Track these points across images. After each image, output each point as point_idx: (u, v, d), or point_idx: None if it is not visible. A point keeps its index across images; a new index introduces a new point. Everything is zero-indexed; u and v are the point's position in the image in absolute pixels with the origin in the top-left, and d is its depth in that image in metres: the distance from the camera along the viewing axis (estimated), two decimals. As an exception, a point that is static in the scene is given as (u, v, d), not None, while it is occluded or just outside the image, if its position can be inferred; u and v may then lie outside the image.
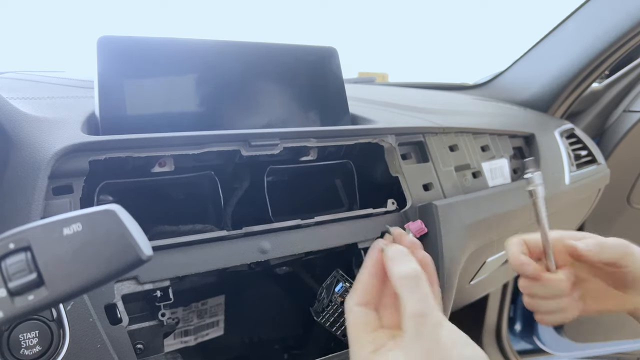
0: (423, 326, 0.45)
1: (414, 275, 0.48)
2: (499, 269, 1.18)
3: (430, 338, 0.44)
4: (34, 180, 0.54)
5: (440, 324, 0.45)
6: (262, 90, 0.77)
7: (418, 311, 0.45)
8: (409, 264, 0.49)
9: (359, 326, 0.50)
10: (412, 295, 0.46)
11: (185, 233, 0.66)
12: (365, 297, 0.52)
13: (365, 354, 0.47)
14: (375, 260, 0.52)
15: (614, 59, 1.40)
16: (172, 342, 0.87)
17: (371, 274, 0.52)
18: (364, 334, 0.49)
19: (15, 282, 0.33)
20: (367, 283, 0.52)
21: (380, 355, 0.46)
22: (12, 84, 0.83)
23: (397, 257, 0.50)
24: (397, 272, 0.48)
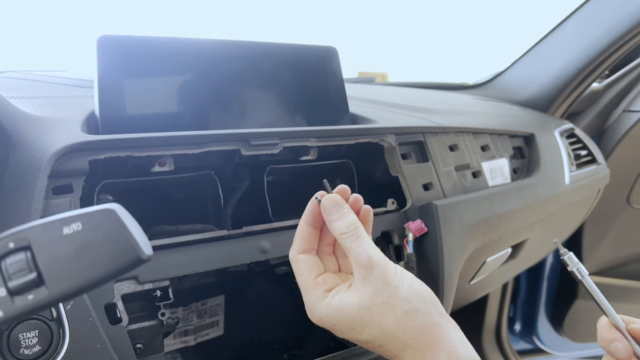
0: (370, 269, 0.48)
1: (354, 229, 0.51)
2: (499, 269, 1.18)
3: (378, 278, 0.48)
4: (34, 179, 0.54)
5: (385, 266, 0.49)
6: (262, 90, 0.77)
7: (363, 258, 0.49)
8: (347, 218, 0.52)
9: (306, 271, 0.53)
10: (354, 245, 0.50)
11: (185, 233, 0.66)
12: (306, 246, 0.54)
13: (319, 293, 0.51)
14: (311, 211, 0.54)
15: (614, 58, 1.40)
16: (171, 342, 0.87)
17: (308, 223, 0.54)
18: (314, 276, 0.52)
19: (15, 281, 0.33)
20: (304, 232, 0.54)
21: (334, 294, 0.50)
22: (12, 83, 0.83)
23: (334, 210, 0.52)
24: (337, 227, 0.51)
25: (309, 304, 0.52)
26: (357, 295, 0.48)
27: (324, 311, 0.50)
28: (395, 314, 0.47)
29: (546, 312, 1.85)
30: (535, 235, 1.21)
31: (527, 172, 1.16)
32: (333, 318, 0.49)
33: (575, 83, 1.46)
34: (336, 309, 0.49)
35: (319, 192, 0.54)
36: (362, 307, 0.48)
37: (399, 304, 0.47)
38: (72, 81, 0.84)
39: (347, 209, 0.53)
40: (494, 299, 1.74)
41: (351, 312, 0.48)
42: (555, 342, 1.87)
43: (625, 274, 1.81)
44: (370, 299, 0.47)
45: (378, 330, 0.47)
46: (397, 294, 0.47)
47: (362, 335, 0.48)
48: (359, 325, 0.48)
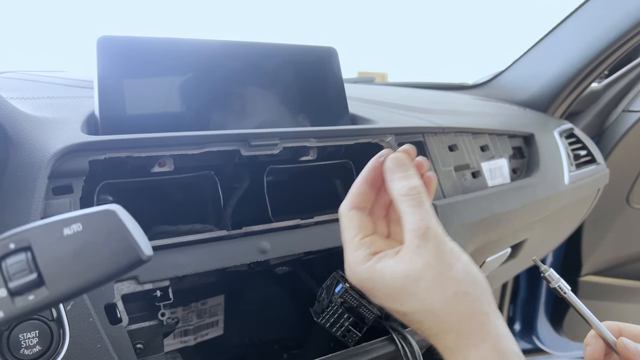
0: (426, 240, 0.44)
1: (417, 192, 0.47)
2: (499, 269, 1.18)
3: (433, 252, 0.44)
4: (34, 180, 0.54)
5: (442, 241, 0.45)
6: (261, 90, 0.77)
7: (420, 226, 0.45)
8: (412, 180, 0.48)
9: (354, 229, 0.49)
10: (414, 210, 0.46)
11: (185, 233, 0.66)
12: (360, 203, 0.51)
13: (363, 255, 0.47)
14: (372, 168, 0.50)
15: (614, 58, 1.40)
16: (171, 342, 0.87)
17: (367, 180, 0.51)
18: (361, 235, 0.49)
19: (16, 282, 0.33)
20: (361, 189, 0.51)
21: (379, 258, 0.47)
22: (12, 84, 0.83)
23: (398, 170, 0.48)
24: (398, 189, 0.47)
25: (350, 263, 0.48)
26: (405, 265, 0.44)
27: (364, 274, 0.46)
28: (444, 293, 0.43)
29: (546, 312, 1.85)
30: (535, 235, 1.21)
31: (526, 172, 1.16)
32: (373, 282, 0.46)
33: (575, 83, 1.46)
34: (380, 273, 0.45)
35: (384, 150, 0.50)
36: (408, 277, 0.44)
37: (450, 283, 0.43)
38: (72, 82, 0.84)
39: (413, 171, 0.48)
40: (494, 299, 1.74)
41: (396, 281, 0.44)
42: (555, 342, 1.87)
43: (624, 273, 1.81)
44: (419, 271, 0.44)
45: (422, 306, 0.44)
46: (449, 272, 0.44)
47: (403, 306, 0.45)
48: (401, 295, 0.45)
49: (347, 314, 0.72)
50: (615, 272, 1.81)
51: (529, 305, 1.87)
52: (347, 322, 0.72)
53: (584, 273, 1.77)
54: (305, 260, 0.82)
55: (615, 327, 0.55)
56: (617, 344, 0.53)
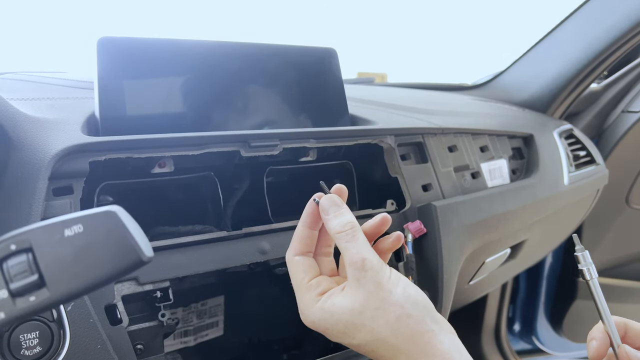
0: (363, 271, 0.47)
1: (350, 228, 0.50)
2: (498, 269, 1.18)
3: (371, 282, 0.47)
4: (34, 181, 0.54)
5: (379, 269, 0.48)
6: (261, 91, 0.77)
7: (357, 259, 0.48)
8: (344, 217, 0.51)
9: (300, 274, 0.52)
10: (349, 245, 0.49)
11: (185, 234, 0.66)
12: (303, 248, 0.53)
13: (312, 296, 0.50)
14: (310, 212, 0.53)
15: (613, 59, 1.40)
16: (171, 343, 0.87)
17: (306, 225, 0.53)
18: (308, 279, 0.52)
19: (17, 283, 0.33)
20: (303, 234, 0.53)
21: (327, 297, 0.49)
22: (12, 85, 0.83)
23: (331, 209, 0.51)
24: (334, 226, 0.50)
25: (302, 307, 0.51)
26: (349, 299, 0.47)
27: (316, 314, 0.49)
28: (387, 319, 0.46)
29: (545, 313, 1.85)
30: (535, 236, 1.21)
31: (526, 173, 1.16)
32: (325, 322, 0.49)
33: (574, 84, 1.46)
34: (329, 312, 0.48)
35: (317, 194, 0.54)
36: (354, 310, 0.47)
37: (392, 308, 0.46)
38: (72, 83, 0.84)
39: (345, 208, 0.52)
40: (493, 300, 1.74)
41: (344, 316, 0.47)
42: (555, 342, 1.87)
43: (624, 274, 1.81)
44: (362, 303, 0.47)
45: (370, 335, 0.46)
46: (389, 298, 0.46)
47: (355, 339, 0.47)
48: (351, 329, 0.47)
49: (346, 314, 0.71)
50: (614, 272, 1.81)
51: (528, 306, 1.87)
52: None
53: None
54: (305, 260, 0.82)
55: (622, 324, 0.56)
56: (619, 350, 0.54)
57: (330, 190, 0.54)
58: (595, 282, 0.57)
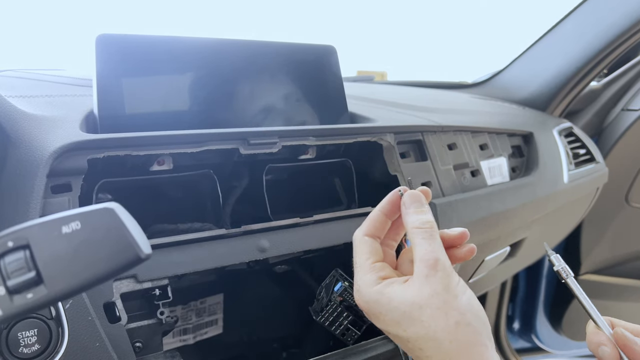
0: (434, 270, 0.47)
1: (429, 227, 0.50)
2: (498, 268, 1.18)
3: (440, 282, 0.47)
4: (33, 178, 0.54)
5: (450, 273, 0.48)
6: (261, 89, 0.77)
7: (431, 257, 0.48)
8: (426, 215, 0.51)
9: (366, 253, 0.52)
10: (425, 242, 0.49)
11: (184, 231, 0.66)
12: (374, 231, 0.54)
13: (372, 278, 0.50)
14: (391, 201, 0.54)
15: (613, 57, 1.40)
16: (170, 341, 0.87)
17: (384, 211, 0.54)
18: (372, 260, 0.52)
19: (14, 280, 0.33)
20: (378, 219, 0.54)
21: (388, 283, 0.49)
22: (11, 82, 0.83)
23: (413, 205, 0.52)
24: (413, 220, 0.51)
25: (360, 285, 0.50)
26: (412, 292, 0.47)
27: (373, 296, 0.49)
28: (447, 322, 0.45)
29: (545, 311, 1.85)
30: (534, 234, 1.21)
31: (525, 171, 1.16)
32: (381, 306, 0.48)
33: (574, 82, 1.46)
34: (388, 298, 0.48)
35: (402, 187, 0.54)
36: (415, 304, 0.46)
37: (453, 313, 0.46)
38: (70, 80, 0.84)
39: (428, 208, 0.52)
40: (493, 298, 1.74)
41: (402, 306, 0.47)
42: (554, 340, 1.87)
43: (623, 272, 1.81)
44: (425, 299, 0.46)
45: (424, 332, 0.46)
46: (454, 302, 0.46)
47: (406, 332, 0.47)
48: (406, 320, 0.47)
49: (346, 312, 0.72)
50: (613, 270, 1.81)
51: (528, 304, 1.87)
52: (346, 320, 0.72)
53: (582, 272, 1.77)
54: (304, 258, 0.82)
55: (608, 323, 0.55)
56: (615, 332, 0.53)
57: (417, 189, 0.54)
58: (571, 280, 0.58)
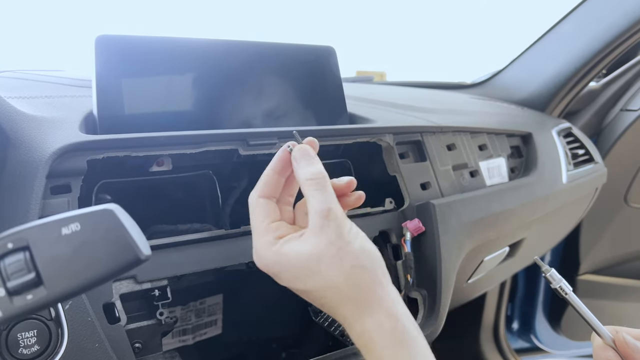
0: (327, 220, 0.48)
1: (320, 177, 0.51)
2: (497, 268, 1.18)
3: (334, 231, 0.48)
4: (32, 179, 0.54)
5: (342, 221, 0.49)
6: (260, 90, 0.77)
7: (323, 208, 0.49)
8: (315, 166, 0.52)
9: (261, 215, 0.53)
10: (317, 193, 0.50)
11: (183, 232, 0.66)
12: (268, 191, 0.54)
13: (268, 239, 0.51)
14: (280, 159, 0.54)
15: (612, 57, 1.40)
16: (170, 341, 0.87)
17: (275, 170, 0.54)
18: (267, 221, 0.52)
19: (14, 281, 0.33)
20: (270, 178, 0.54)
21: (284, 242, 0.50)
22: (10, 83, 0.83)
23: (304, 159, 0.53)
24: (304, 173, 0.51)
25: (257, 248, 0.51)
26: (309, 245, 0.48)
27: (271, 258, 0.50)
28: (342, 268, 0.47)
29: (544, 311, 1.85)
30: (533, 234, 1.21)
31: (524, 171, 1.16)
32: (279, 265, 0.49)
33: (573, 82, 1.46)
34: (285, 256, 0.49)
35: (290, 142, 0.55)
36: (312, 255, 0.48)
37: (348, 257, 0.47)
38: (70, 81, 0.84)
39: (317, 159, 0.53)
40: (492, 298, 1.74)
41: (300, 261, 0.48)
42: (553, 340, 1.87)
43: (622, 272, 1.82)
44: (322, 250, 0.48)
45: (323, 282, 0.47)
46: (347, 248, 0.48)
47: (306, 285, 0.48)
48: (304, 274, 0.48)
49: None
50: (613, 270, 1.81)
51: (527, 304, 1.87)
52: (345, 321, 0.72)
53: (582, 272, 1.77)
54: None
55: (612, 331, 0.56)
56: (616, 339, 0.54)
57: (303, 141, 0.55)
58: (572, 296, 0.58)
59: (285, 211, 0.56)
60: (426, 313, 0.79)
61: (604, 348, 0.55)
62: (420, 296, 0.80)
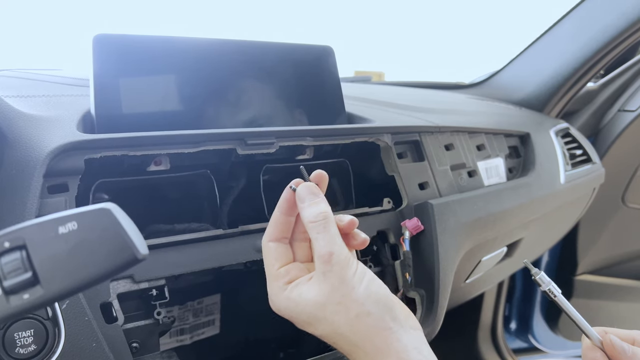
0: (329, 265, 0.48)
1: (323, 218, 0.50)
2: (495, 268, 1.19)
3: (336, 276, 0.48)
4: (29, 178, 0.54)
5: (346, 264, 0.48)
6: (258, 89, 0.77)
7: (325, 252, 0.48)
8: (318, 206, 0.51)
9: (272, 260, 0.52)
10: (320, 236, 0.49)
11: (180, 232, 0.66)
12: (278, 234, 0.54)
13: (280, 284, 0.51)
14: (286, 199, 0.53)
15: (609, 58, 1.41)
16: (167, 341, 0.87)
17: (283, 211, 0.54)
18: (277, 266, 0.52)
19: (11, 280, 0.33)
20: (279, 220, 0.54)
21: (293, 287, 0.50)
22: (8, 82, 0.82)
23: (307, 199, 0.52)
24: (307, 215, 0.51)
25: (270, 293, 0.52)
26: (314, 291, 0.48)
27: (282, 303, 0.50)
28: (347, 315, 0.47)
29: (541, 311, 1.86)
30: (531, 235, 1.21)
31: (522, 172, 1.16)
32: (290, 311, 0.50)
33: (571, 83, 1.46)
34: (294, 302, 0.49)
35: (294, 181, 0.54)
36: (317, 303, 0.48)
37: (353, 305, 0.47)
38: (68, 80, 0.84)
39: (321, 197, 0.52)
40: (490, 298, 1.74)
41: (307, 307, 0.48)
42: (551, 340, 1.88)
43: (620, 272, 1.82)
44: (326, 297, 0.47)
45: (331, 329, 0.48)
46: (351, 294, 0.47)
47: (317, 330, 0.49)
48: (313, 320, 0.48)
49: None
50: (610, 271, 1.81)
51: (524, 304, 1.88)
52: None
53: (579, 272, 1.77)
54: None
55: (602, 332, 0.56)
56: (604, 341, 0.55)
57: (310, 176, 0.54)
58: (561, 298, 0.58)
59: (300, 249, 0.55)
60: (424, 313, 0.79)
61: (592, 349, 0.56)
62: (418, 296, 0.80)
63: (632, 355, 0.54)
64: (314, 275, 0.49)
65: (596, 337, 0.55)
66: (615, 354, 0.54)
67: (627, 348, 0.54)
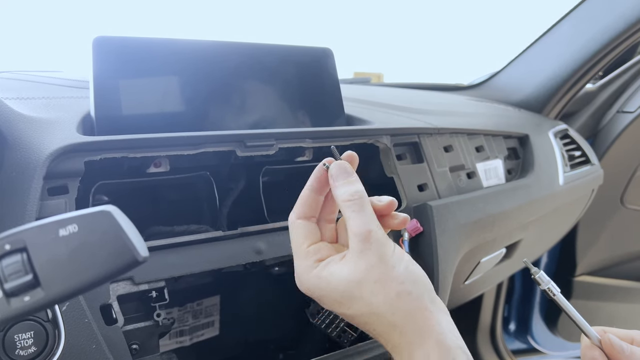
0: (368, 243, 0.46)
1: (358, 197, 0.49)
2: (494, 269, 1.19)
3: (375, 254, 0.46)
4: (29, 180, 0.54)
5: (384, 243, 0.47)
6: (257, 91, 0.77)
7: (362, 230, 0.47)
8: (354, 185, 0.50)
9: (300, 238, 0.51)
10: (355, 215, 0.48)
11: (180, 233, 0.66)
12: (307, 212, 0.52)
13: (309, 263, 0.49)
14: (318, 177, 0.52)
15: (608, 60, 1.41)
16: (167, 343, 0.87)
17: (313, 189, 0.52)
18: (307, 244, 0.50)
19: (11, 283, 0.33)
20: (308, 198, 0.52)
21: (324, 265, 0.48)
22: (8, 84, 0.82)
23: (341, 177, 0.50)
24: (342, 193, 0.49)
25: (298, 272, 0.50)
26: (348, 269, 0.46)
27: (312, 281, 0.48)
28: (386, 294, 0.45)
29: (540, 312, 1.86)
30: (530, 236, 1.21)
31: (521, 173, 1.17)
32: (321, 290, 0.48)
33: (570, 84, 1.46)
34: (325, 280, 0.47)
35: (327, 159, 0.52)
36: (352, 281, 0.46)
37: (392, 284, 0.45)
38: (68, 82, 0.84)
39: (355, 177, 0.51)
40: (489, 299, 1.75)
41: (340, 285, 0.46)
42: (550, 341, 1.88)
43: (619, 273, 1.82)
44: (362, 275, 0.46)
45: (367, 308, 0.46)
46: (391, 273, 0.46)
47: (350, 309, 0.47)
48: (347, 299, 0.46)
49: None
50: (609, 272, 1.81)
51: (523, 305, 1.88)
52: (342, 322, 0.73)
53: (578, 273, 1.77)
54: (301, 260, 0.82)
55: (601, 332, 0.56)
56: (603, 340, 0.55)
57: (341, 156, 0.52)
58: (560, 297, 0.58)
59: (326, 229, 0.53)
60: (423, 314, 0.79)
61: (591, 348, 0.56)
62: (417, 297, 0.80)
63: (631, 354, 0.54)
64: (347, 253, 0.48)
65: (595, 336, 0.56)
66: (614, 353, 0.54)
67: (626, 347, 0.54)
